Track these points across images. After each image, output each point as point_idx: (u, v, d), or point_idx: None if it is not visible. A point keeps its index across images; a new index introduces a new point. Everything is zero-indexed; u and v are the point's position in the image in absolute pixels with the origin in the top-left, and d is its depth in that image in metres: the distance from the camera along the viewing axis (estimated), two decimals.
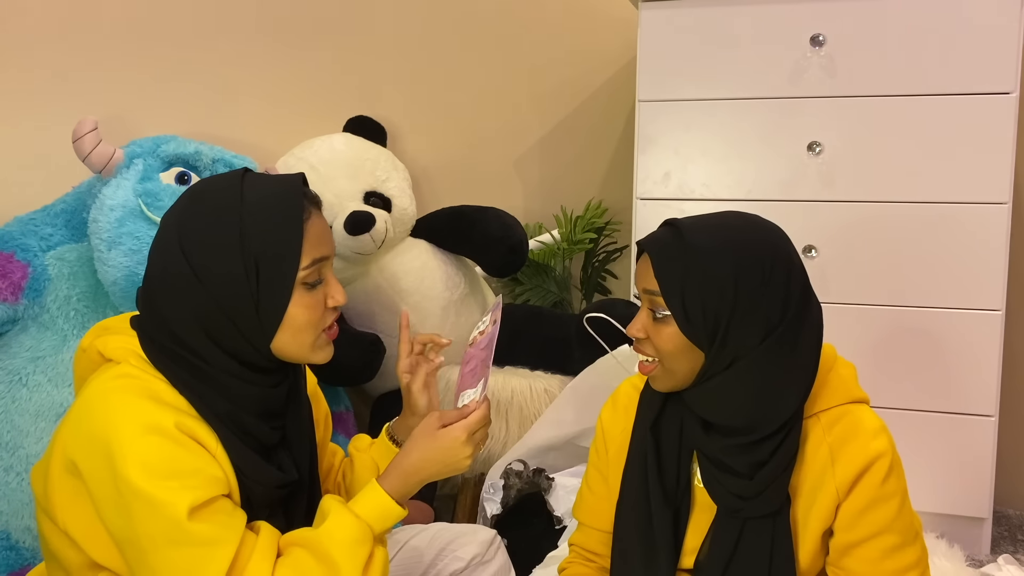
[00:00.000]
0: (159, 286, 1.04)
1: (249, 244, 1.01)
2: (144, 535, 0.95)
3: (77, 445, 0.98)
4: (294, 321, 1.04)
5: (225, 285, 1.01)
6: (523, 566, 1.52)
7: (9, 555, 1.60)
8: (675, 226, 1.06)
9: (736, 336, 1.02)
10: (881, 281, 1.87)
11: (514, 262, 2.09)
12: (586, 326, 1.77)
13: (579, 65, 2.41)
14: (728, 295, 1.01)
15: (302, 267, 1.03)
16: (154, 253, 1.05)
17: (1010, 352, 2.07)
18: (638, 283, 1.09)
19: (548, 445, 1.81)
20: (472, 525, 1.41)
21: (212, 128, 2.16)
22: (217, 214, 1.02)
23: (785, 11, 1.87)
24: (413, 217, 2.17)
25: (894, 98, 1.83)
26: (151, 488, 0.94)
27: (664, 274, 1.03)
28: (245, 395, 1.04)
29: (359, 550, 0.99)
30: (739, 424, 1.06)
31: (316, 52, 2.36)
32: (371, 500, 1.04)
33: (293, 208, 1.03)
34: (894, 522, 1.06)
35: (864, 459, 1.05)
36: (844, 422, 1.08)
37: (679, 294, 1.02)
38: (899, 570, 1.08)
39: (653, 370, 1.08)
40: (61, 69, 2.10)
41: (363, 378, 2.04)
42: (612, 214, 2.41)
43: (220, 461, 1.01)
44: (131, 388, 1.00)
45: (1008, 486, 2.17)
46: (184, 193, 1.07)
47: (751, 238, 1.05)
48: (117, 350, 1.04)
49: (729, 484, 1.08)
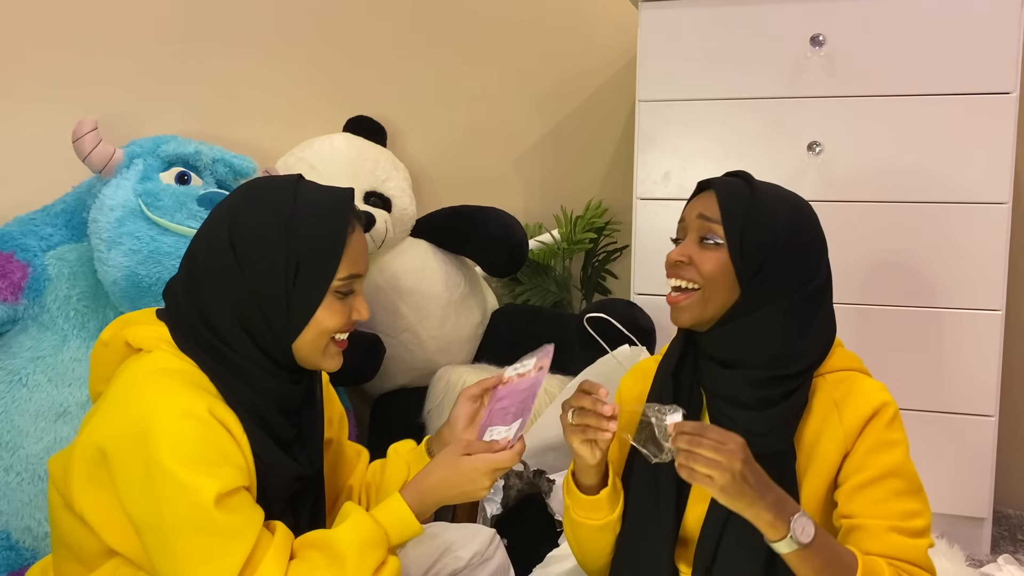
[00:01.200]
0: (202, 271, 1.08)
1: (293, 243, 1.06)
2: (169, 519, 0.96)
3: (110, 429, 1.00)
4: (319, 324, 1.09)
5: (264, 278, 1.06)
6: (523, 566, 1.51)
7: (9, 555, 1.60)
8: (742, 176, 1.18)
9: (775, 280, 1.11)
10: (881, 281, 1.87)
11: (514, 262, 2.09)
12: (586, 326, 1.77)
13: (579, 65, 2.41)
14: (779, 240, 1.11)
15: (338, 277, 1.08)
16: (201, 239, 1.10)
17: (1010, 352, 2.07)
18: (691, 212, 1.16)
19: (548, 446, 1.81)
20: (472, 525, 1.41)
21: (212, 128, 2.16)
22: (269, 210, 1.07)
23: (785, 11, 1.87)
24: (413, 217, 2.17)
25: (894, 98, 1.83)
26: (182, 472, 0.96)
27: (728, 205, 1.13)
28: (267, 387, 1.08)
29: (371, 553, 1.02)
30: (758, 362, 1.12)
31: (316, 52, 2.36)
32: (392, 510, 1.07)
33: (340, 218, 1.09)
34: (900, 467, 1.09)
35: (871, 407, 1.11)
36: (849, 381, 1.15)
37: (739, 224, 1.11)
38: (906, 513, 1.08)
39: (685, 300, 1.13)
40: (61, 69, 2.10)
41: (363, 378, 2.04)
42: (612, 214, 2.41)
43: (243, 449, 1.04)
44: (167, 372, 1.03)
45: (1008, 486, 2.17)
46: (240, 186, 1.13)
47: (803, 205, 1.18)
48: (147, 339, 1.07)
49: (739, 418, 1.11)
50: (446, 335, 2.12)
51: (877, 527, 1.07)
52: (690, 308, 1.13)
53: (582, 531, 1.21)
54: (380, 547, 1.03)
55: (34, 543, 1.60)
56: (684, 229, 1.17)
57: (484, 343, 2.21)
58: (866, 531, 1.07)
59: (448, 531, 1.31)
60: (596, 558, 1.23)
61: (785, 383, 1.12)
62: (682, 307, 1.14)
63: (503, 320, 2.24)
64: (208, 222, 1.11)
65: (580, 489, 1.18)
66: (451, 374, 2.04)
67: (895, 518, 1.07)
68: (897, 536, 1.06)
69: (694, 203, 1.17)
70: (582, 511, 1.18)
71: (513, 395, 1.16)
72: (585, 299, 2.41)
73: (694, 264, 1.13)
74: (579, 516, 1.19)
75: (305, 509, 1.16)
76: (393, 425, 2.16)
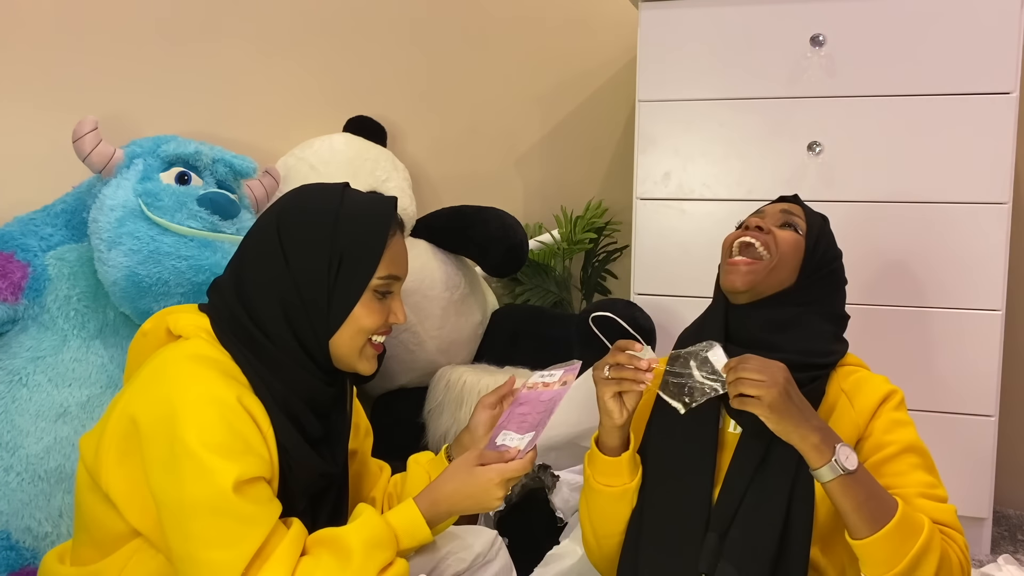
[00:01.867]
0: (250, 264, 1.13)
1: (338, 242, 1.12)
2: (189, 498, 0.98)
3: (141, 404, 1.03)
4: (357, 321, 1.14)
5: (308, 270, 1.11)
6: (525, 562, 1.52)
7: (9, 555, 1.60)
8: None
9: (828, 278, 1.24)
10: (881, 281, 1.87)
11: (514, 262, 2.09)
12: (591, 325, 1.77)
13: (579, 65, 2.41)
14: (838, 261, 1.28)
15: (377, 276, 1.14)
16: (251, 236, 1.16)
17: (1010, 352, 2.07)
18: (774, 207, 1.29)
19: (550, 445, 1.81)
20: (473, 526, 1.41)
21: (212, 128, 2.16)
22: (317, 211, 1.14)
23: (785, 11, 1.87)
24: (413, 217, 2.17)
25: (894, 98, 1.83)
26: (205, 454, 0.98)
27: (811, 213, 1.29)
28: (300, 382, 1.11)
29: (379, 553, 1.03)
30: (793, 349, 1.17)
31: (316, 52, 2.36)
32: (404, 514, 1.09)
33: (383, 223, 1.16)
34: (916, 444, 1.15)
35: (881, 393, 1.18)
36: (857, 375, 1.21)
37: (817, 226, 1.26)
38: (929, 483, 1.12)
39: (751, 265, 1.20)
40: (61, 69, 2.10)
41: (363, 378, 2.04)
42: (612, 214, 2.41)
43: (268, 441, 1.06)
44: (202, 359, 1.06)
45: (1008, 486, 2.17)
46: (292, 190, 1.21)
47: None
48: (188, 326, 1.12)
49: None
50: (446, 335, 2.12)
51: (907, 494, 1.10)
52: (754, 273, 1.19)
53: (599, 500, 1.21)
54: (388, 548, 1.04)
55: (34, 543, 1.60)
56: (760, 217, 1.26)
57: (484, 343, 2.21)
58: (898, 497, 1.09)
59: (450, 533, 1.31)
60: (609, 536, 1.23)
61: (811, 371, 1.17)
62: (745, 271, 1.19)
63: (503, 320, 2.23)
64: (259, 220, 1.18)
65: (602, 450, 1.20)
66: (451, 374, 2.04)
67: (920, 486, 1.11)
68: (926, 501, 1.10)
69: (775, 205, 1.29)
70: (602, 477, 1.20)
71: (534, 404, 1.19)
72: (585, 299, 2.41)
73: (774, 236, 1.21)
74: (599, 483, 1.20)
75: (325, 509, 1.18)
76: (393, 425, 2.15)
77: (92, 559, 1.10)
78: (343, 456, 1.22)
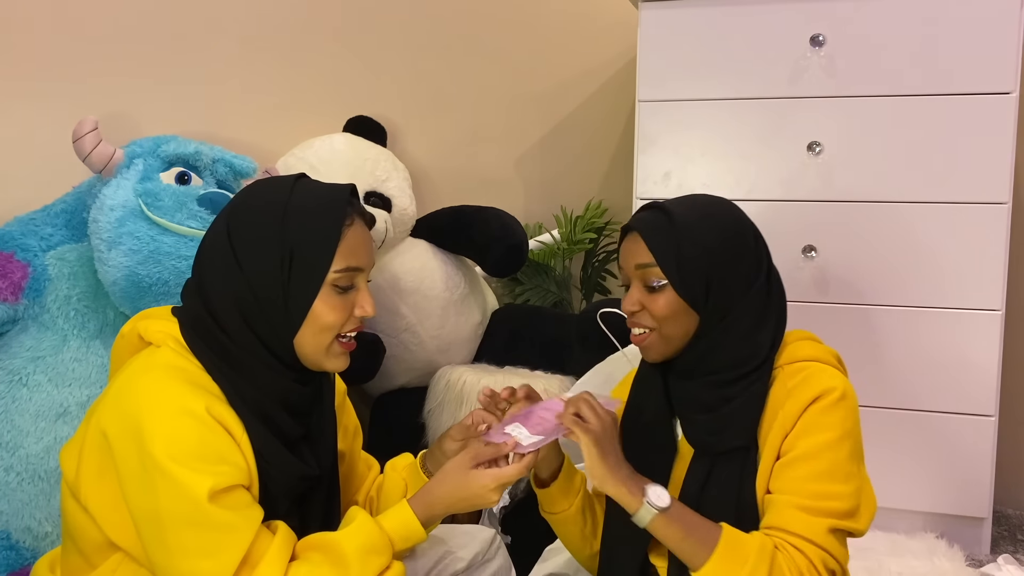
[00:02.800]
0: (207, 268, 1.09)
1: (287, 238, 1.06)
2: (165, 513, 0.97)
3: (111, 419, 1.02)
4: (318, 319, 1.08)
5: (260, 272, 1.06)
6: (528, 561, 1.51)
7: (9, 555, 1.60)
8: (658, 207, 1.19)
9: (724, 292, 1.14)
10: (881, 281, 1.87)
11: (514, 262, 2.09)
12: (599, 322, 1.78)
13: (579, 65, 2.41)
14: (715, 257, 1.14)
15: (334, 269, 1.08)
16: (206, 236, 1.12)
17: (1010, 352, 2.07)
18: (627, 261, 1.19)
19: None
20: (472, 525, 1.41)
21: (212, 128, 2.16)
22: (264, 207, 1.09)
23: (785, 11, 1.87)
24: (413, 217, 2.17)
25: (894, 98, 1.83)
26: (175, 468, 0.97)
27: (656, 245, 1.15)
28: (272, 384, 1.08)
29: (375, 559, 1.02)
30: (721, 366, 1.15)
31: (316, 52, 2.36)
32: (398, 517, 1.08)
33: (334, 212, 1.09)
34: (825, 450, 1.08)
35: (813, 393, 1.10)
36: (805, 371, 1.14)
37: (673, 260, 1.14)
38: (820, 493, 1.07)
39: (647, 339, 1.17)
40: (61, 69, 2.10)
41: (363, 378, 2.04)
42: (612, 214, 2.41)
43: (243, 448, 1.04)
44: (169, 370, 1.04)
45: (1008, 486, 2.17)
46: (245, 186, 1.15)
47: (723, 210, 1.20)
48: (157, 334, 1.09)
49: (702, 421, 1.16)
50: (446, 335, 2.12)
51: (783, 502, 1.07)
52: (655, 347, 1.18)
53: (555, 527, 1.28)
54: (384, 553, 1.03)
55: (34, 543, 1.60)
56: (627, 278, 1.20)
57: (484, 343, 2.21)
58: (773, 505, 1.09)
59: (449, 532, 1.31)
60: (577, 551, 1.30)
61: (747, 378, 1.14)
62: (647, 345, 1.18)
63: (503, 320, 2.24)
64: (215, 220, 1.13)
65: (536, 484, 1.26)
66: (451, 374, 2.04)
67: (803, 495, 1.07)
68: (797, 512, 1.06)
69: (625, 251, 1.21)
70: (548, 506, 1.26)
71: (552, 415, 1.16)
72: (585, 299, 2.41)
73: (647, 311, 1.16)
74: (545, 511, 1.27)
75: (315, 512, 1.16)
76: (393, 425, 2.16)
77: (80, 569, 1.09)
78: (329, 457, 1.19)
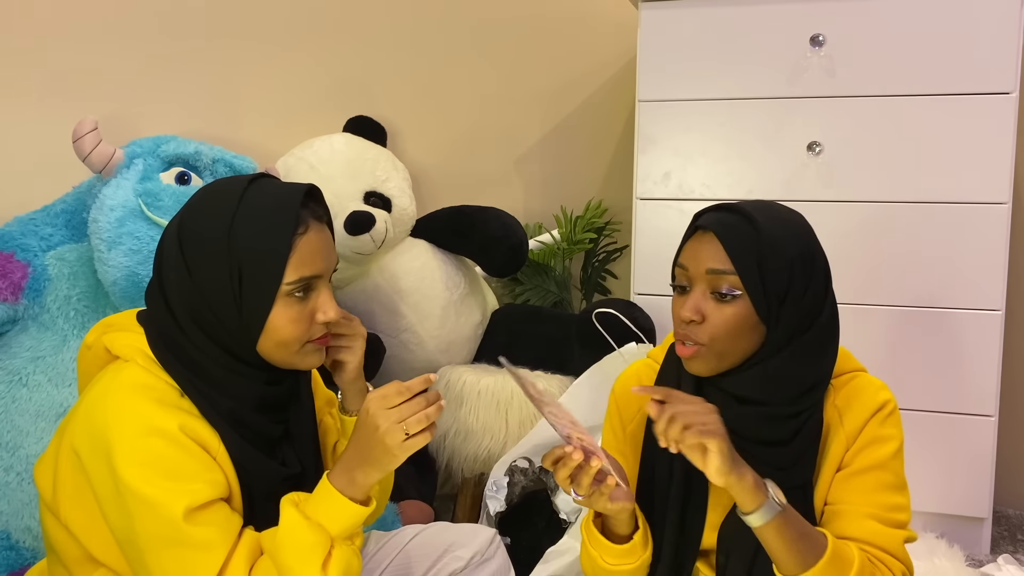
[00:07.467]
0: (165, 274, 1.05)
1: (235, 248, 1.01)
2: (142, 534, 0.96)
3: (82, 439, 1.00)
4: (276, 331, 1.03)
5: (212, 286, 1.02)
6: (526, 565, 1.52)
7: (9, 555, 1.60)
8: (735, 210, 1.08)
9: (796, 313, 1.06)
10: (881, 281, 1.87)
11: (514, 262, 2.09)
12: (595, 322, 1.78)
13: (579, 65, 2.41)
14: (795, 273, 1.06)
15: (286, 281, 1.02)
16: (160, 243, 1.07)
17: (1010, 352, 2.07)
18: (696, 264, 1.07)
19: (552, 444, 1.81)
20: (472, 524, 1.41)
21: (212, 128, 2.16)
22: (213, 214, 1.03)
23: (785, 11, 1.87)
24: (413, 217, 2.17)
25: (894, 98, 1.83)
26: (148, 489, 0.95)
27: (739, 254, 1.04)
28: (243, 390, 1.05)
29: (312, 555, 0.98)
30: (783, 400, 1.08)
31: (316, 52, 2.36)
32: (322, 500, 1.01)
33: (285, 220, 1.02)
34: (891, 462, 1.09)
35: (870, 409, 1.10)
36: (850, 385, 1.13)
37: (757, 272, 1.04)
38: (888, 505, 1.07)
39: (696, 352, 1.07)
40: (61, 69, 2.10)
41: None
42: (612, 214, 2.41)
43: (221, 461, 1.02)
44: (137, 389, 1.01)
45: (1008, 486, 2.17)
46: (200, 189, 1.09)
47: (798, 221, 1.11)
48: (125, 348, 1.05)
49: (762, 455, 1.06)
50: (446, 335, 2.12)
51: (856, 512, 1.07)
52: (705, 361, 1.07)
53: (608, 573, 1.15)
54: (320, 545, 0.98)
55: (34, 543, 1.60)
56: (688, 279, 1.08)
57: (484, 343, 2.21)
58: (845, 516, 1.07)
59: (448, 531, 1.31)
60: None
61: (806, 412, 1.09)
62: (695, 358, 1.07)
63: (503, 320, 2.23)
64: (168, 225, 1.08)
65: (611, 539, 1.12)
66: (451, 374, 2.04)
67: (876, 507, 1.07)
68: (874, 523, 1.06)
69: (696, 251, 1.08)
70: (613, 559, 1.12)
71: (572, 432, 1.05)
72: (585, 299, 2.41)
73: (708, 322, 1.05)
74: (610, 564, 1.12)
75: None
76: None
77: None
78: (311, 456, 1.16)
